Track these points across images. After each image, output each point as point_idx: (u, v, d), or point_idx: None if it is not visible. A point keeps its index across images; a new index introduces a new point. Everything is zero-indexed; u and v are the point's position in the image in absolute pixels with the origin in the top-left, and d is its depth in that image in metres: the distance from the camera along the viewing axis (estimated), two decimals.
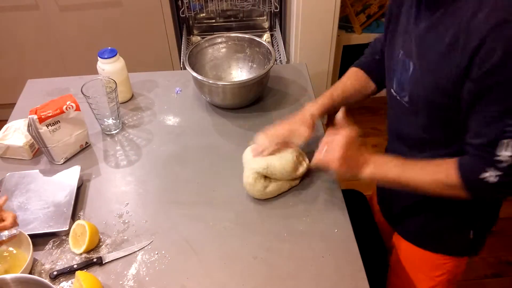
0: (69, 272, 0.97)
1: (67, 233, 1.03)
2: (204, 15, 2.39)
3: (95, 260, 0.98)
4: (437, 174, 0.88)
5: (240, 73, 1.49)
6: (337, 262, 0.97)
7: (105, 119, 1.28)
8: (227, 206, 1.09)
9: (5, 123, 1.29)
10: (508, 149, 0.78)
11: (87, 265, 0.98)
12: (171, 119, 1.36)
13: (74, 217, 1.08)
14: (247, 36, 1.46)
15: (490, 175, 0.81)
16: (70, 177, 1.14)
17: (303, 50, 2.11)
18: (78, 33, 2.22)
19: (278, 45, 2.24)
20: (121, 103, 1.39)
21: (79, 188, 1.14)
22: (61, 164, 1.22)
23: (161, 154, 1.25)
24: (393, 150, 1.06)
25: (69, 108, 1.17)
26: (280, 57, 2.13)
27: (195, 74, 1.29)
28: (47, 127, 1.14)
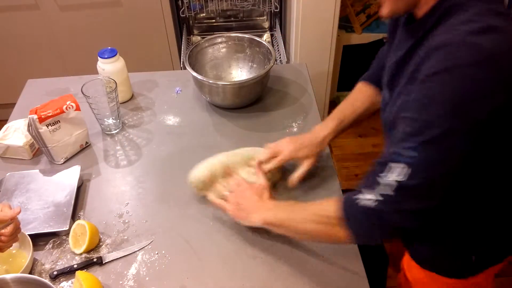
0: (69, 272, 0.97)
1: (67, 233, 1.03)
2: (204, 15, 2.39)
3: (95, 260, 0.98)
4: (319, 208, 0.85)
5: (240, 73, 1.49)
6: (337, 262, 0.97)
7: (105, 119, 1.28)
8: None
9: (5, 123, 1.29)
10: (393, 174, 0.71)
11: (87, 265, 0.98)
12: (171, 119, 1.36)
13: (74, 217, 1.08)
14: (247, 36, 1.46)
15: (368, 198, 0.74)
16: (70, 177, 1.14)
17: (303, 50, 2.11)
18: (78, 33, 2.22)
19: (278, 45, 2.24)
20: (121, 103, 1.39)
21: (79, 188, 1.14)
22: (61, 164, 1.22)
23: (161, 154, 1.25)
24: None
25: (69, 108, 1.17)
26: (280, 57, 2.12)
27: (195, 74, 1.29)
28: (47, 127, 1.14)
